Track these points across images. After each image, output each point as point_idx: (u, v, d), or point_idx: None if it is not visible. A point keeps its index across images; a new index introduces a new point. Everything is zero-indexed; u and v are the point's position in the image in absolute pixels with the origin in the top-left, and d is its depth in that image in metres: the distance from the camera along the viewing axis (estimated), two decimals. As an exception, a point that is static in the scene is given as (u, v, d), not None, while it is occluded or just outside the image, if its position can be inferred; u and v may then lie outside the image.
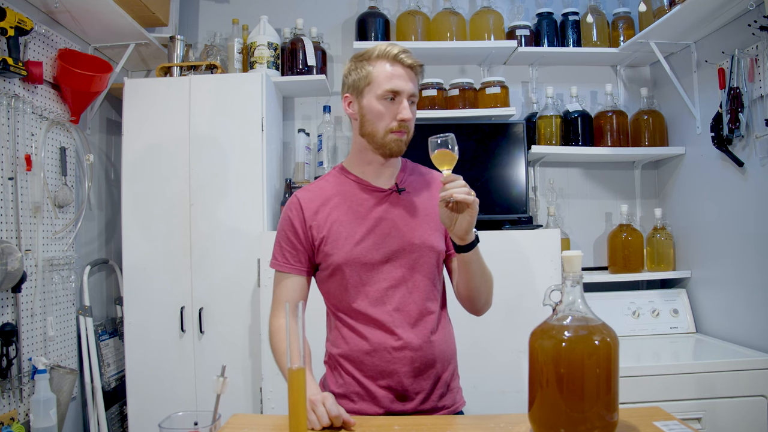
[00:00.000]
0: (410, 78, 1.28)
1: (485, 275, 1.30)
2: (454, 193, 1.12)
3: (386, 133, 1.28)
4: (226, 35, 2.61)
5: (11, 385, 1.88)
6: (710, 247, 2.31)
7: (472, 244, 1.21)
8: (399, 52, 1.28)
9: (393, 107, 1.27)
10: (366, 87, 1.29)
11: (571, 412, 0.93)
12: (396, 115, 1.27)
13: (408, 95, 1.27)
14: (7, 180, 1.90)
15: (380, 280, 1.28)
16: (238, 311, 2.25)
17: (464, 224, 1.16)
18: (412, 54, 1.30)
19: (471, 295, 1.31)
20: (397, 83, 1.26)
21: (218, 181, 2.28)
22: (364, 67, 1.29)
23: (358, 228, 1.30)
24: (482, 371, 2.02)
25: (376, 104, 1.28)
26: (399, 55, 1.27)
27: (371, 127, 1.29)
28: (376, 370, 1.27)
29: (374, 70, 1.28)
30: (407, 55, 1.28)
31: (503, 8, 2.69)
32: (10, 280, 1.83)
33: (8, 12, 1.81)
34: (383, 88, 1.26)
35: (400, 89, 1.26)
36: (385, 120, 1.27)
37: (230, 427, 1.14)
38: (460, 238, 1.19)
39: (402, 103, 1.27)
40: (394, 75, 1.27)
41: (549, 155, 2.57)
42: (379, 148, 1.30)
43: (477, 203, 1.15)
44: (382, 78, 1.27)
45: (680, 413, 1.68)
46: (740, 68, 2.01)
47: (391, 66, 1.27)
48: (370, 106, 1.29)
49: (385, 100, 1.27)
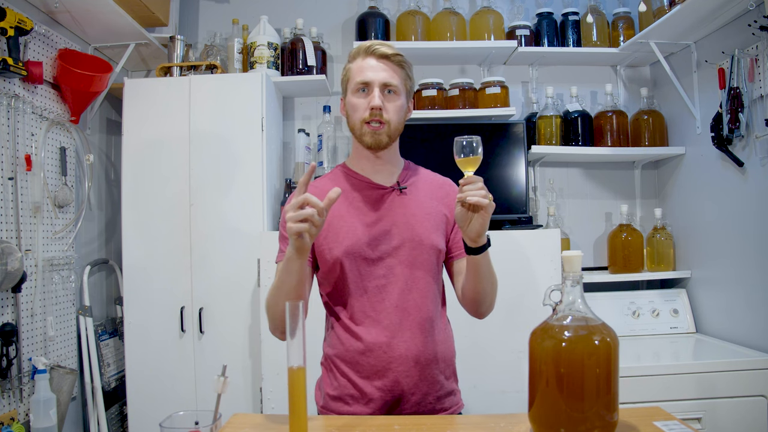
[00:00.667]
0: (384, 68, 1.29)
1: (492, 279, 1.29)
2: (469, 195, 1.13)
3: (362, 125, 1.30)
4: (226, 35, 2.61)
5: (11, 385, 1.88)
6: (710, 247, 2.31)
7: (483, 246, 1.21)
8: (372, 44, 1.31)
9: (366, 98, 1.29)
10: (347, 84, 1.34)
11: (571, 412, 0.93)
12: (368, 105, 1.28)
13: (380, 85, 1.28)
14: (7, 180, 1.90)
15: (379, 276, 1.28)
16: (238, 311, 2.25)
17: (477, 226, 1.16)
18: (390, 46, 1.31)
19: (477, 297, 1.29)
20: (366, 74, 1.29)
21: (218, 181, 2.28)
22: (346, 67, 1.35)
23: (358, 223, 1.29)
24: (482, 371, 2.03)
25: (352, 98, 1.31)
26: (372, 47, 1.30)
27: (351, 122, 1.33)
28: (372, 370, 1.26)
29: (352, 66, 1.32)
30: (381, 46, 1.30)
31: (503, 8, 2.69)
32: (10, 280, 1.83)
33: (8, 12, 1.81)
34: (355, 80, 1.30)
35: (370, 80, 1.28)
36: (359, 111, 1.30)
37: (231, 426, 1.14)
38: (472, 239, 1.19)
39: (372, 91, 1.28)
40: (364, 67, 1.29)
41: (549, 155, 2.57)
42: (359, 140, 1.32)
43: (492, 207, 1.16)
44: (355, 72, 1.31)
45: (680, 413, 1.68)
46: (740, 68, 2.01)
47: (363, 59, 1.31)
48: (349, 102, 1.33)
49: (358, 92, 1.30)
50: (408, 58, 1.35)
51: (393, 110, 1.30)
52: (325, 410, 1.31)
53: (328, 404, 1.31)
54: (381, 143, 1.30)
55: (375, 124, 1.28)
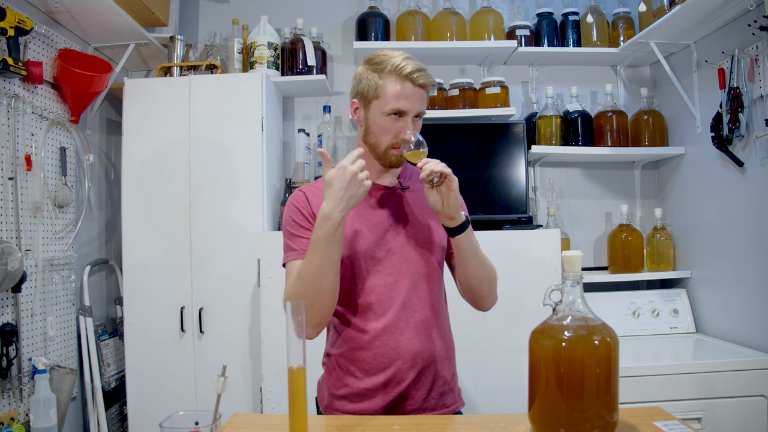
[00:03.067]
0: (419, 97, 1.27)
1: (482, 261, 1.31)
2: (432, 166, 1.17)
3: (388, 149, 1.29)
4: (226, 35, 2.61)
5: (11, 385, 1.88)
6: (710, 247, 2.31)
7: (462, 225, 1.24)
8: (412, 70, 1.25)
9: (397, 125, 1.27)
10: (374, 99, 1.28)
11: (571, 412, 0.93)
12: (399, 133, 1.27)
13: (414, 114, 1.27)
14: (7, 180, 1.90)
15: (386, 275, 1.28)
16: (238, 311, 2.25)
17: (450, 200, 1.20)
18: (426, 73, 1.27)
19: (471, 283, 1.31)
20: (404, 104, 1.25)
21: (218, 181, 2.28)
22: (375, 79, 1.27)
23: (363, 224, 1.30)
24: (482, 371, 2.03)
25: (381, 119, 1.27)
26: (412, 74, 1.25)
27: (374, 140, 1.30)
28: (378, 367, 1.26)
29: (384, 84, 1.26)
30: (420, 75, 1.25)
31: (503, 8, 2.69)
32: (10, 280, 1.83)
33: (8, 12, 1.81)
34: (390, 106, 1.25)
35: (407, 110, 1.26)
36: (387, 136, 1.28)
37: (231, 426, 1.14)
38: (449, 217, 1.23)
39: (407, 122, 1.26)
40: (402, 95, 1.24)
41: (549, 155, 2.57)
42: (380, 159, 1.31)
43: (455, 177, 1.20)
44: (390, 95, 1.25)
45: (680, 413, 1.68)
46: (740, 68, 2.01)
47: (402, 84, 1.25)
48: (375, 120, 1.28)
49: (390, 116, 1.26)
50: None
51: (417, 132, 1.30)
52: (330, 410, 1.31)
53: (333, 403, 1.31)
54: (401, 165, 1.33)
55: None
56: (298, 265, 1.23)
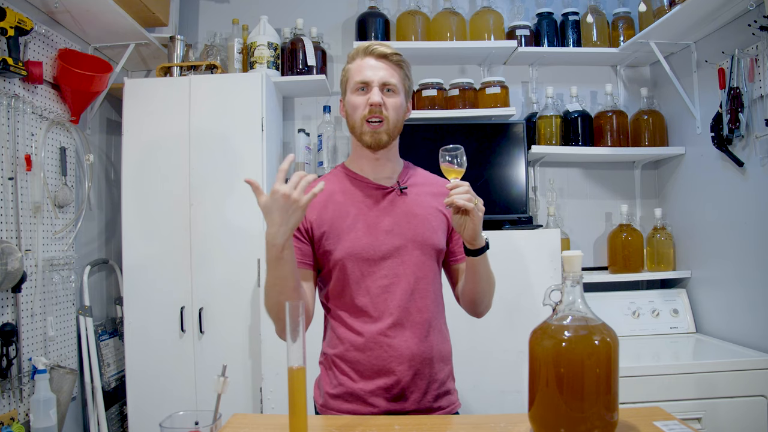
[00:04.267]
0: (383, 67, 1.31)
1: (490, 279, 1.32)
2: (456, 200, 1.16)
3: (362, 123, 1.31)
4: (226, 35, 2.61)
5: (11, 385, 1.88)
6: (710, 247, 2.31)
7: (482, 249, 1.24)
8: (371, 44, 1.33)
9: (365, 96, 1.30)
10: (346, 84, 1.35)
11: (571, 412, 0.93)
12: (367, 102, 1.29)
13: (379, 83, 1.30)
14: (7, 180, 1.90)
15: (381, 277, 1.28)
16: (238, 311, 2.25)
17: (469, 230, 1.20)
18: (387, 46, 1.33)
19: (475, 298, 1.33)
20: (365, 73, 1.30)
21: (218, 181, 2.28)
22: (345, 68, 1.36)
23: (360, 224, 1.30)
24: (482, 371, 2.03)
25: (351, 97, 1.33)
26: (370, 47, 1.32)
27: (350, 121, 1.34)
28: (372, 369, 1.26)
29: (351, 67, 1.34)
30: (380, 45, 1.32)
31: (503, 8, 2.69)
32: (10, 280, 1.83)
33: (8, 12, 1.81)
34: (354, 80, 1.32)
35: (369, 78, 1.30)
36: (358, 109, 1.31)
37: (231, 426, 1.14)
38: (469, 242, 1.23)
39: (371, 90, 1.30)
40: (363, 66, 1.31)
41: (549, 155, 2.57)
42: (359, 139, 1.33)
43: (481, 210, 1.18)
44: (354, 72, 1.33)
45: (680, 413, 1.68)
46: (740, 68, 2.01)
47: (362, 59, 1.32)
48: (348, 101, 1.34)
49: (357, 91, 1.31)
50: (407, 58, 1.36)
51: (392, 107, 1.31)
52: (325, 409, 1.31)
53: (328, 403, 1.31)
54: (381, 142, 1.31)
55: (375, 122, 1.29)
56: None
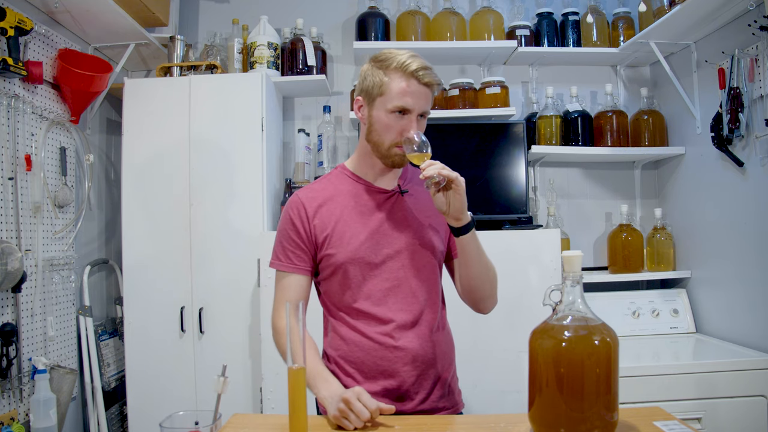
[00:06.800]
0: (424, 95, 1.26)
1: (485, 263, 1.30)
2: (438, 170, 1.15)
3: (391, 147, 1.27)
4: (226, 35, 2.61)
5: (11, 385, 1.88)
6: (710, 247, 2.31)
7: (468, 225, 1.23)
8: (418, 68, 1.24)
9: (401, 122, 1.26)
10: (378, 97, 1.27)
11: (571, 412, 0.93)
12: (402, 131, 1.25)
13: (419, 113, 1.26)
14: (7, 180, 1.90)
15: (382, 280, 1.28)
16: (238, 311, 2.25)
17: (456, 202, 1.18)
18: (432, 71, 1.26)
19: (473, 284, 1.31)
20: (408, 101, 1.24)
21: (218, 182, 2.28)
22: (379, 77, 1.26)
23: (361, 228, 1.30)
24: (482, 371, 2.03)
25: (385, 117, 1.26)
26: (417, 72, 1.24)
27: (377, 138, 1.28)
28: (376, 370, 1.27)
29: (389, 81, 1.25)
30: (425, 73, 1.24)
31: (503, 8, 2.69)
32: (10, 280, 1.83)
33: (8, 12, 1.81)
34: (394, 103, 1.24)
35: (411, 108, 1.24)
36: (391, 134, 1.26)
37: (231, 426, 1.14)
38: (455, 218, 1.21)
39: (411, 120, 1.25)
40: (407, 92, 1.24)
41: (549, 155, 2.57)
42: (383, 158, 1.30)
43: (461, 180, 1.18)
44: (395, 92, 1.24)
45: (680, 413, 1.68)
46: (740, 68, 2.01)
47: (407, 81, 1.24)
48: (379, 117, 1.27)
49: (394, 114, 1.25)
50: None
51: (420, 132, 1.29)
52: None
53: None
54: (404, 165, 1.31)
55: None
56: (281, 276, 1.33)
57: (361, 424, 1.08)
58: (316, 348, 1.31)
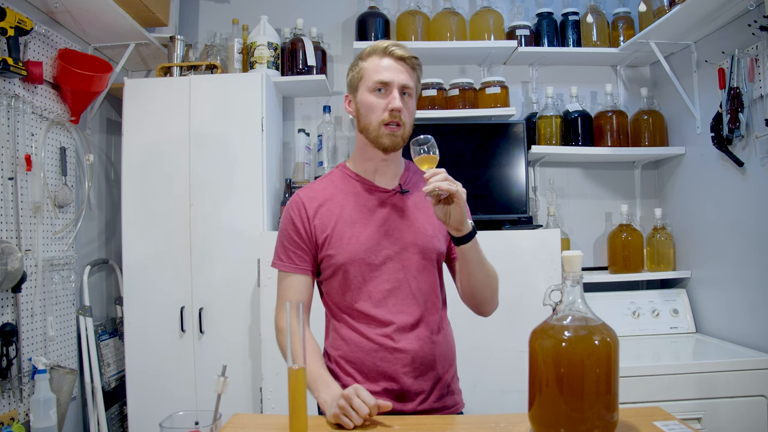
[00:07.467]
0: (402, 70, 1.29)
1: (486, 269, 1.30)
2: (439, 185, 1.14)
3: (379, 126, 1.28)
4: (226, 35, 2.61)
5: (11, 385, 1.88)
6: (710, 247, 2.31)
7: (469, 235, 1.22)
8: (389, 45, 1.29)
9: (384, 99, 1.28)
10: (359, 82, 1.31)
11: (571, 412, 0.93)
12: (387, 106, 1.27)
13: (399, 86, 1.27)
14: (7, 180, 1.90)
15: (383, 281, 1.28)
16: (238, 311, 2.25)
17: (456, 215, 1.17)
18: (405, 47, 1.30)
19: (474, 290, 1.30)
20: (385, 74, 1.27)
21: (218, 182, 2.28)
22: (358, 64, 1.32)
23: (362, 228, 1.29)
24: (482, 371, 2.03)
25: (368, 97, 1.29)
26: (389, 48, 1.29)
27: (365, 121, 1.30)
28: (376, 371, 1.27)
29: (366, 64, 1.30)
30: (398, 47, 1.29)
31: (503, 8, 2.69)
32: (10, 280, 1.83)
33: (8, 12, 1.81)
34: (373, 79, 1.28)
35: (389, 80, 1.27)
36: (376, 111, 1.28)
37: (231, 426, 1.14)
38: (456, 229, 1.21)
39: (392, 93, 1.27)
40: (383, 67, 1.28)
41: (549, 155, 2.57)
42: (374, 141, 1.30)
43: (462, 193, 1.17)
44: (371, 71, 1.29)
45: (680, 413, 1.68)
46: (740, 68, 2.01)
47: (380, 59, 1.29)
48: (363, 100, 1.30)
49: (375, 92, 1.28)
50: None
51: (408, 113, 1.30)
52: None
53: None
54: (397, 146, 1.30)
55: (393, 125, 1.27)
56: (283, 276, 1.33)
57: (360, 420, 1.08)
58: (319, 350, 1.31)
